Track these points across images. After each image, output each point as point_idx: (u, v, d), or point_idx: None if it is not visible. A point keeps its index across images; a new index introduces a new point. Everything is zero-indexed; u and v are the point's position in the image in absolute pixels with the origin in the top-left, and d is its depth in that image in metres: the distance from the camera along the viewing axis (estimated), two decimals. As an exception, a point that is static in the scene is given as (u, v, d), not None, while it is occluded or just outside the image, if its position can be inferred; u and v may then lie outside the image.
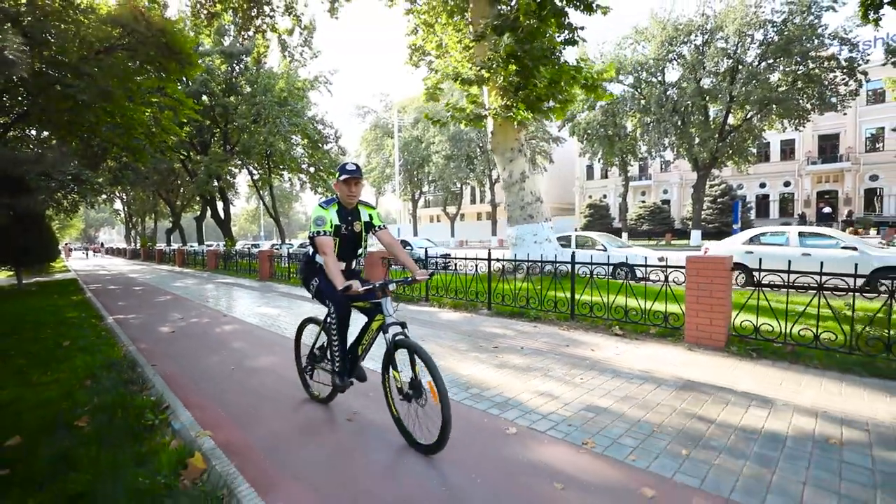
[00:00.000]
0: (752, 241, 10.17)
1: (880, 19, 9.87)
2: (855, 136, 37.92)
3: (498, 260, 7.36)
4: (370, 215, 2.82)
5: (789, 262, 5.05)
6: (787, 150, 41.57)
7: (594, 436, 2.53)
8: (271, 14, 11.70)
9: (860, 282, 3.97)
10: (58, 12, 9.69)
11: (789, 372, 3.68)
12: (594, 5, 9.45)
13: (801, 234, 9.58)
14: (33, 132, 15.44)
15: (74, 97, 9.30)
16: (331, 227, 2.59)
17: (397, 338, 2.42)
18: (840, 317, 4.05)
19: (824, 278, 3.94)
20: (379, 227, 2.82)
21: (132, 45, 10.94)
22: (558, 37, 9.66)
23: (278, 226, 26.00)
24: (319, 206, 2.66)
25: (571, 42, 10.18)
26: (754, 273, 4.53)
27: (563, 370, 3.76)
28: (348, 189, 2.63)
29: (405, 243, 16.93)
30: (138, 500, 1.95)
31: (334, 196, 2.75)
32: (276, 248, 20.22)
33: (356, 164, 2.65)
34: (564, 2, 9.12)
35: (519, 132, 10.18)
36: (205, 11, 11.39)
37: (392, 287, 2.52)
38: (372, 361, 3.81)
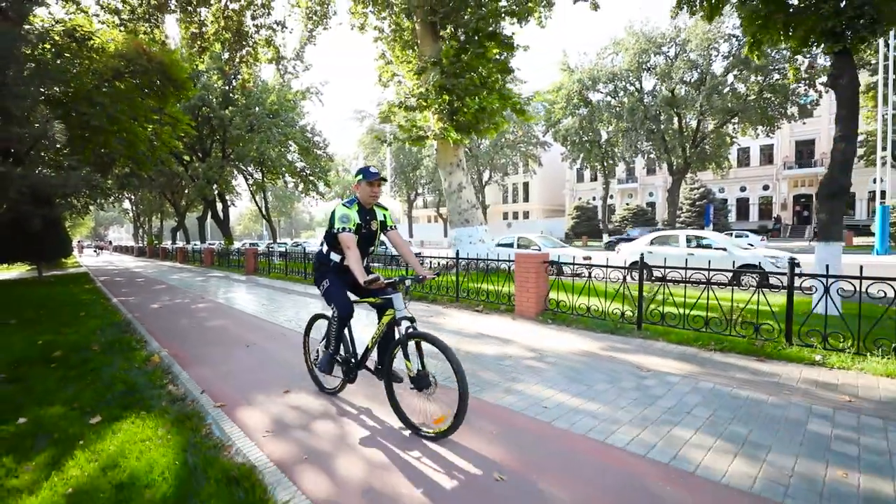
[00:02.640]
0: (652, 242, 12.01)
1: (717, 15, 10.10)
2: (829, 142, 39.26)
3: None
4: (384, 215, 3.04)
5: (638, 258, 6.89)
6: (766, 155, 43.03)
7: (380, 353, 4.45)
8: (253, 46, 13.71)
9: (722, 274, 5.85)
10: (74, 51, 11.76)
11: (555, 330, 5.57)
12: (514, 44, 11.34)
13: (688, 238, 11.43)
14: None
15: (88, 122, 11.34)
16: (353, 224, 2.78)
17: (409, 330, 2.65)
18: (617, 295, 5.94)
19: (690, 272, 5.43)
20: (391, 227, 3.05)
21: (136, 72, 13.01)
22: (495, 65, 11.51)
23: (270, 227, 28.32)
24: (343, 205, 2.87)
25: (507, 71, 12.11)
26: (653, 269, 6.14)
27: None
28: (371, 190, 2.86)
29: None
30: (124, 370, 3.91)
31: (354, 197, 2.94)
32: (270, 247, 22.35)
33: (377, 168, 2.92)
34: (486, 45, 10.99)
35: (456, 150, 12.10)
36: (197, 45, 13.41)
37: (407, 283, 2.78)
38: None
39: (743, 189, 44.09)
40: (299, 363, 4.19)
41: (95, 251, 46.60)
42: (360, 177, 2.88)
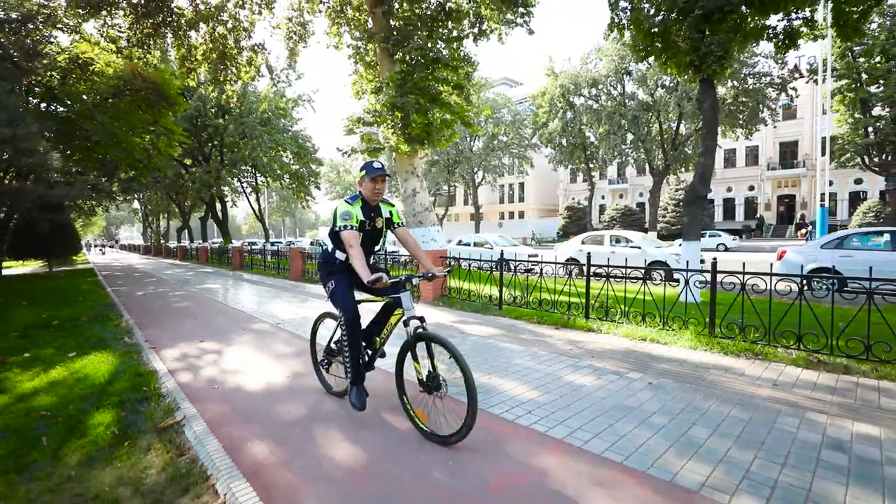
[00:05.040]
0: (584, 242, 13.51)
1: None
2: (811, 144, 40.19)
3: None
4: (390, 212, 2.98)
5: (571, 256, 8.43)
6: (752, 156, 43.99)
7: (287, 323, 6.07)
8: (236, 67, 15.42)
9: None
10: (77, 73, 13.58)
11: (439, 310, 7.14)
12: (458, 65, 12.88)
13: (612, 238, 12.92)
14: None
15: (90, 137, 13.14)
16: (356, 221, 2.73)
17: (418, 330, 2.58)
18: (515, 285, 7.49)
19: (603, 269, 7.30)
20: (398, 224, 2.98)
21: (133, 90, 14.80)
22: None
23: (264, 227, 30.26)
24: (345, 202, 2.80)
25: (460, 88, 13.67)
26: (584, 266, 7.92)
27: (319, 304, 7.29)
28: (374, 186, 2.79)
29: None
30: (99, 331, 5.59)
31: (357, 193, 2.90)
32: (265, 246, 24.22)
33: (381, 163, 2.81)
34: (434, 67, 12.55)
35: (411, 160, 13.68)
36: (186, 65, 15.15)
37: (415, 281, 2.73)
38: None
39: (729, 189, 45.09)
40: (225, 328, 5.85)
41: (100, 250, 48.94)
42: (364, 172, 2.82)
